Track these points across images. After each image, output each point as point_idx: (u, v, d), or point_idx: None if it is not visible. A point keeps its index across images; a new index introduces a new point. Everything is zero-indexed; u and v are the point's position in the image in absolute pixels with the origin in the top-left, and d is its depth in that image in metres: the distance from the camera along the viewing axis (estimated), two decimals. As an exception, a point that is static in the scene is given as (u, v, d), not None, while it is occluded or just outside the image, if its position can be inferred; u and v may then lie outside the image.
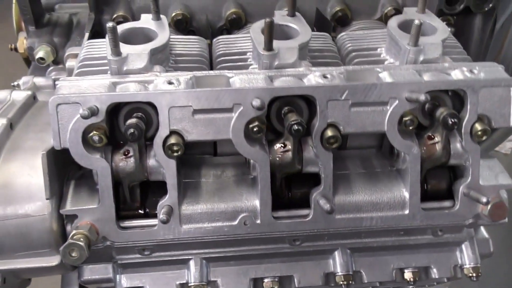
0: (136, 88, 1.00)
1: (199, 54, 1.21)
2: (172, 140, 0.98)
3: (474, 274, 1.11)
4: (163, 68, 1.07)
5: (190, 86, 1.01)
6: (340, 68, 1.06)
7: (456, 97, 1.07)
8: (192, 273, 1.07)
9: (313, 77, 1.03)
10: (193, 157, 1.13)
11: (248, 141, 1.00)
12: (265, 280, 1.10)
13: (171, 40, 1.15)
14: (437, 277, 1.13)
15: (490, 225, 1.11)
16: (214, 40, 1.26)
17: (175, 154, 0.99)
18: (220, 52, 1.19)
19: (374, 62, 1.16)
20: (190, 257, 1.07)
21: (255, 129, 1.00)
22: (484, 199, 1.00)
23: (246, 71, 1.05)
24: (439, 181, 1.11)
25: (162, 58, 1.11)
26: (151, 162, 1.02)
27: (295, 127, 0.97)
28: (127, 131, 0.94)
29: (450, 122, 1.00)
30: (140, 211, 1.06)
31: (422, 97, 0.95)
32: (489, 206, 1.05)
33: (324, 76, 1.03)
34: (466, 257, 1.13)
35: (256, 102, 0.95)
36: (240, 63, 1.14)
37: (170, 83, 1.01)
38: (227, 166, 1.11)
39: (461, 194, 1.06)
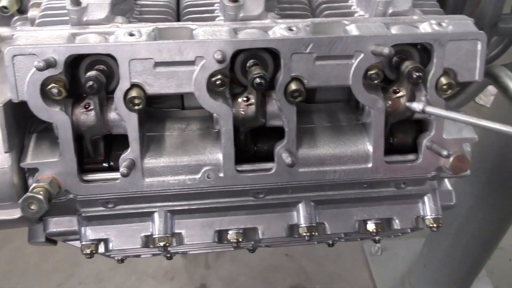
0: (95, 40, 0.98)
1: (166, 5, 1.18)
2: (133, 93, 0.97)
3: (434, 225, 1.13)
4: (125, 19, 1.04)
5: (152, 38, 0.98)
6: (307, 20, 1.04)
7: (425, 51, 1.06)
8: (156, 225, 1.08)
9: (278, 30, 1.01)
10: (159, 110, 1.13)
11: (211, 94, 0.99)
12: (230, 232, 1.12)
13: (135, -11, 1.12)
14: (399, 228, 1.15)
15: (453, 177, 1.13)
16: (181, -10, 1.22)
17: (136, 107, 0.97)
18: (187, 3, 1.16)
19: (344, 15, 1.13)
20: (154, 209, 1.08)
21: (217, 83, 0.98)
22: (445, 152, 1.01)
23: (210, 23, 1.03)
24: (405, 134, 1.11)
25: (126, 8, 1.08)
26: (112, 115, 1.01)
27: (258, 80, 0.96)
28: (86, 84, 0.92)
29: (415, 76, 0.99)
30: (104, 164, 1.06)
31: (386, 50, 0.94)
32: (450, 159, 1.06)
33: (290, 29, 1.01)
34: (427, 208, 1.15)
35: (218, 55, 0.94)
36: (206, 15, 1.11)
37: (131, 34, 0.98)
38: (192, 119, 1.10)
39: (424, 148, 1.07)
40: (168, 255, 1.27)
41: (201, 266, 3.31)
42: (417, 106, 1.00)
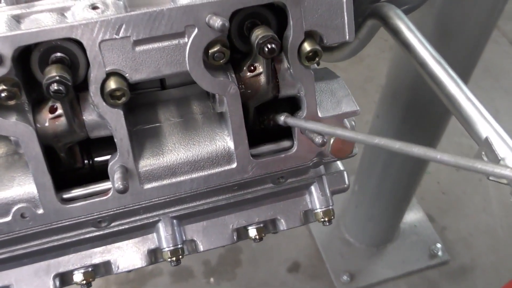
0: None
1: None
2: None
3: (326, 219, 0.95)
4: None
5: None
6: (116, -10, 0.78)
7: (283, 11, 0.83)
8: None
9: (78, 11, 0.74)
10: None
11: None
12: (75, 273, 0.88)
13: None
14: (286, 228, 0.96)
15: (339, 160, 0.93)
16: None
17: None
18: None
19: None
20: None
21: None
22: (318, 139, 0.80)
23: (-20, 13, 0.74)
24: (274, 117, 0.90)
25: None
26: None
27: (54, 87, 0.70)
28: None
29: (267, 49, 0.76)
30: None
31: (218, 24, 0.70)
32: (331, 142, 0.86)
33: (93, 7, 0.75)
34: (316, 200, 0.95)
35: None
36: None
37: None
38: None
39: (298, 133, 0.86)
40: None
41: None
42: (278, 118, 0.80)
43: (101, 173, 0.84)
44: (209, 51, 0.78)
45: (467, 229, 3.10)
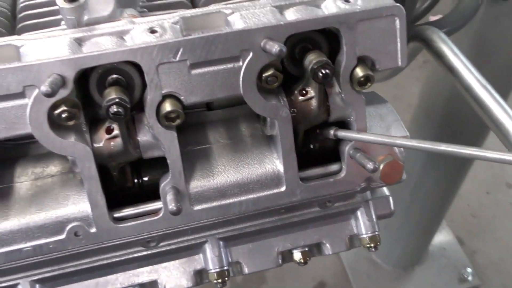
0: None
1: None
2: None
3: (372, 245, 0.94)
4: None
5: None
6: (175, 15, 0.79)
7: (334, 35, 0.84)
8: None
9: (137, 34, 0.76)
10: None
11: (57, 132, 0.74)
12: (122, 291, 0.89)
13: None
14: (331, 252, 0.95)
15: (386, 186, 0.93)
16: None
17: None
18: (23, 3, 0.89)
19: (227, -2, 0.89)
20: (15, 282, 0.84)
21: (63, 116, 0.74)
22: (370, 165, 0.79)
23: (44, 35, 0.76)
24: (324, 140, 0.90)
25: None
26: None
27: (113, 109, 0.71)
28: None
29: (321, 75, 0.77)
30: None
31: (275, 50, 0.71)
32: (380, 168, 0.86)
33: (152, 31, 0.76)
34: (362, 225, 0.95)
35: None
36: (49, 18, 0.85)
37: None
38: (52, 158, 0.86)
39: (347, 157, 0.86)
40: None
41: None
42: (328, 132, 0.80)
43: (150, 192, 0.85)
44: (263, 75, 0.78)
45: (498, 254, 3.03)
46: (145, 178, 0.86)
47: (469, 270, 2.92)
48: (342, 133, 0.79)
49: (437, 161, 2.23)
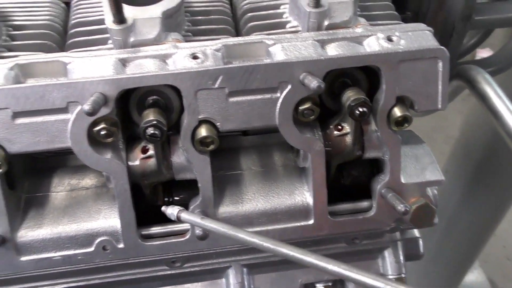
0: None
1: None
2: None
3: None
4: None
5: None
6: (217, 42, 0.80)
7: (371, 71, 0.83)
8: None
9: (180, 58, 0.78)
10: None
11: (95, 148, 0.76)
12: (143, 310, 0.90)
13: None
14: (354, 289, 0.93)
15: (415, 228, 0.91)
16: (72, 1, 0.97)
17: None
18: (76, 20, 0.92)
19: (273, 26, 0.90)
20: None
21: (102, 133, 0.76)
22: (401, 207, 0.78)
23: (90, 54, 0.79)
24: (356, 176, 0.89)
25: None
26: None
27: (150, 131, 0.73)
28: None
29: (358, 113, 0.76)
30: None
31: (314, 85, 0.71)
32: (411, 210, 0.84)
33: (194, 57, 0.78)
34: (388, 265, 0.93)
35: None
36: (98, 36, 0.88)
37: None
38: (88, 170, 0.88)
39: (379, 196, 0.85)
40: None
41: None
42: (171, 212, 0.77)
43: (179, 213, 0.86)
44: (299, 107, 0.79)
45: (532, 301, 2.91)
46: (175, 198, 0.87)
47: (501, 314, 2.81)
48: (186, 216, 0.76)
49: (474, 198, 2.17)
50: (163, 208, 0.78)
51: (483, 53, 3.01)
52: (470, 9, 1.12)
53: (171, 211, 0.76)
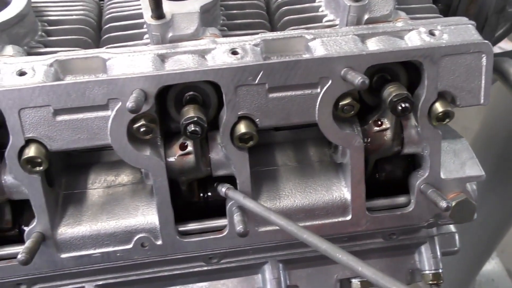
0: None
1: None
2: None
3: (434, 282, 0.91)
4: (20, 48, 0.81)
5: (50, 76, 0.74)
6: (256, 37, 0.79)
7: (411, 66, 0.82)
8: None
9: (218, 54, 0.77)
10: (84, 155, 0.90)
11: (134, 145, 0.76)
12: (179, 305, 0.90)
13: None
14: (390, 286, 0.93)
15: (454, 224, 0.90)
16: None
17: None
18: (111, 14, 0.91)
19: (309, 20, 0.89)
20: (81, 285, 0.87)
21: (141, 130, 0.75)
22: (443, 204, 0.77)
23: (129, 50, 0.78)
24: (393, 171, 0.88)
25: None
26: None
27: (191, 127, 0.72)
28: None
29: (400, 108, 0.75)
30: (14, 229, 0.84)
31: (358, 81, 0.70)
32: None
33: (233, 52, 0.77)
34: (425, 261, 0.92)
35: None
36: (133, 31, 0.87)
37: (21, 74, 0.74)
38: (123, 167, 0.88)
39: (417, 192, 0.84)
40: None
41: None
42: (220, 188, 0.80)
43: (212, 209, 0.86)
44: (339, 103, 0.78)
45: (549, 290, 2.89)
46: (210, 195, 0.87)
47: (519, 304, 2.80)
48: (231, 193, 0.78)
49: (493, 191, 2.16)
50: (215, 184, 0.80)
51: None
52: (504, 1, 1.10)
53: (220, 187, 0.79)
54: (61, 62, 0.76)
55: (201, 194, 0.87)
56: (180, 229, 0.83)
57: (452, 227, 0.96)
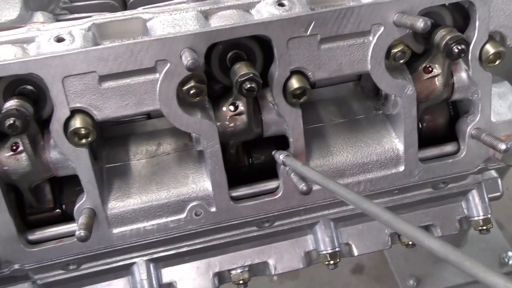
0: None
1: None
2: (77, 122, 0.69)
3: (485, 227, 0.91)
4: (49, 15, 0.75)
5: (90, 41, 0.69)
6: (301, -13, 0.76)
7: (457, 9, 0.80)
8: (138, 280, 0.84)
9: (264, 7, 0.73)
10: (116, 127, 0.86)
11: (184, 109, 0.72)
12: (232, 272, 0.87)
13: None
14: (440, 235, 0.93)
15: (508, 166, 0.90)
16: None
17: (85, 140, 0.70)
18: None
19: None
20: (132, 261, 0.83)
21: (191, 92, 0.71)
22: (502, 146, 0.76)
23: (169, 9, 0.74)
24: (436, 118, 0.87)
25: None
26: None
27: (247, 85, 0.69)
28: (4, 123, 0.64)
29: (457, 50, 0.73)
30: (55, 210, 0.79)
31: (421, 24, 0.67)
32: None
33: (280, 4, 0.73)
34: (473, 207, 0.92)
35: (188, 60, 0.65)
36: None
37: (59, 40, 0.69)
38: (164, 135, 0.84)
39: (468, 137, 0.83)
40: None
41: None
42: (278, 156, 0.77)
43: (259, 172, 0.83)
44: (391, 51, 0.75)
45: (539, 238, 2.99)
46: (255, 161, 0.84)
47: (510, 253, 2.88)
48: (289, 162, 0.75)
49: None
50: (273, 152, 0.78)
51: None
52: None
53: (278, 155, 0.76)
54: (99, 25, 0.71)
55: (247, 158, 0.84)
56: (233, 194, 0.80)
57: (493, 173, 0.96)
